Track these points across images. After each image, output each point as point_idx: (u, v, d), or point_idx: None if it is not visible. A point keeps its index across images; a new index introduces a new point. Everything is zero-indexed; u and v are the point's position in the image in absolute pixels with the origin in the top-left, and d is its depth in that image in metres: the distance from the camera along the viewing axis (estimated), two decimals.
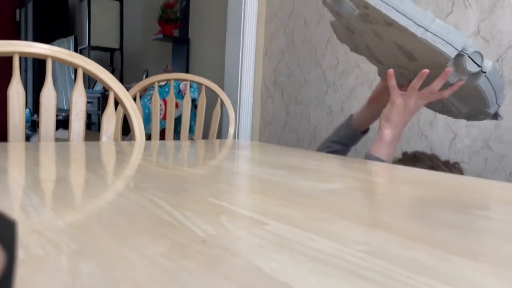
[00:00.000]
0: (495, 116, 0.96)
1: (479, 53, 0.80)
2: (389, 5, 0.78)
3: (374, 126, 1.09)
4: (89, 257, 0.24)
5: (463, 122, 1.39)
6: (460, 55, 0.80)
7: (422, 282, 0.23)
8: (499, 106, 0.93)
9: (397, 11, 0.78)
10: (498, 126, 1.30)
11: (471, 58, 0.80)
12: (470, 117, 0.98)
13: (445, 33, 0.78)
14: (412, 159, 1.09)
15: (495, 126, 1.31)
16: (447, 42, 0.78)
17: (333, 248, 0.28)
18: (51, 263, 0.23)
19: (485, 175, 1.32)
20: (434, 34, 0.78)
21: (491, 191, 0.51)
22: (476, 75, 0.82)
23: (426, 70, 0.84)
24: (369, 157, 0.93)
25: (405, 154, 1.13)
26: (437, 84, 0.85)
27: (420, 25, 0.78)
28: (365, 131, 1.12)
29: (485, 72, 0.82)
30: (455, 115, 1.01)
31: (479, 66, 0.81)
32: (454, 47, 0.78)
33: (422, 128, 1.52)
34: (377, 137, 0.95)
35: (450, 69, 0.81)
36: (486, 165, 1.33)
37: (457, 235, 0.32)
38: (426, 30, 0.78)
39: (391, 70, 0.89)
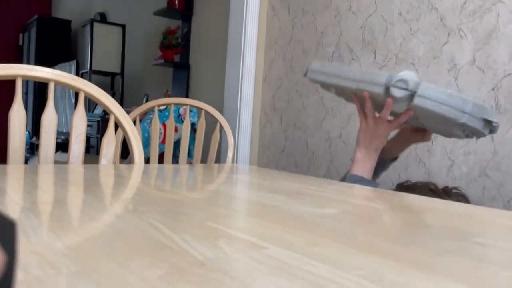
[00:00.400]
0: (490, 126, 0.95)
1: (402, 80, 0.91)
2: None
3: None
4: (88, 279, 0.25)
5: (461, 149, 1.40)
6: (387, 88, 0.92)
7: None
8: (486, 116, 0.93)
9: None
10: (496, 154, 1.31)
11: (395, 86, 0.91)
12: (467, 135, 1.01)
13: (369, 78, 0.96)
14: (406, 190, 1.08)
15: (493, 154, 1.32)
16: (372, 84, 0.95)
17: (332, 273, 0.28)
18: (50, 285, 0.23)
19: (483, 203, 1.32)
20: (362, 81, 0.97)
21: (488, 218, 0.52)
22: (411, 97, 0.90)
23: (366, 92, 0.97)
24: (347, 177, 1.02)
25: (399, 186, 1.14)
26: (384, 114, 0.96)
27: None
28: (394, 158, 1.17)
29: (415, 92, 0.89)
30: (452, 136, 1.06)
31: (406, 89, 0.90)
32: (379, 85, 0.93)
33: (419, 155, 1.52)
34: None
35: (390, 99, 0.92)
36: (483, 193, 1.33)
37: (454, 261, 0.32)
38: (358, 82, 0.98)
39: (366, 93, 0.98)
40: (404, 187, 1.12)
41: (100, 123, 3.65)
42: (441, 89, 0.90)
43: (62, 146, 4.23)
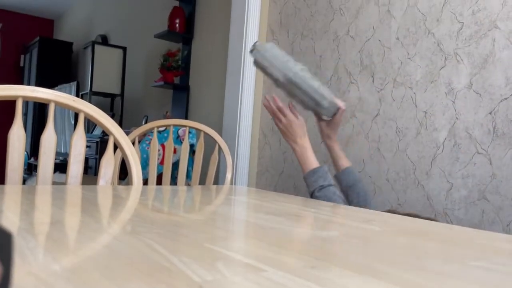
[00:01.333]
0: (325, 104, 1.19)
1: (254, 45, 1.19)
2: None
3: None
4: None
5: (459, 172, 1.40)
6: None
7: None
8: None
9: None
10: (494, 177, 1.31)
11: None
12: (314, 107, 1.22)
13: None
14: None
15: (491, 177, 1.32)
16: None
17: None
18: None
19: (482, 227, 1.31)
20: None
21: (487, 242, 0.51)
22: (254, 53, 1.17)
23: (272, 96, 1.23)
24: (306, 177, 1.19)
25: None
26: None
27: None
28: (344, 169, 1.31)
29: (253, 50, 1.17)
30: (307, 107, 1.24)
31: (253, 50, 1.18)
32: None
33: (418, 177, 1.52)
34: None
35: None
36: (483, 217, 1.33)
37: (453, 285, 0.32)
38: None
39: (273, 96, 1.22)
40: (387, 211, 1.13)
41: (99, 143, 3.66)
42: (282, 52, 1.17)
43: (61, 166, 4.21)
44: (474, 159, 1.37)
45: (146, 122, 3.53)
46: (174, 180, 2.28)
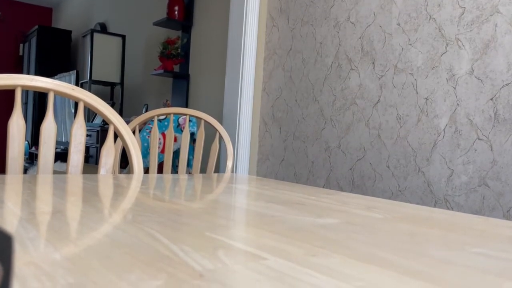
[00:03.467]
0: None
1: None
2: None
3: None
4: None
5: (460, 158, 1.40)
6: None
7: None
8: None
9: None
10: (495, 163, 1.31)
11: None
12: None
13: None
14: None
15: (492, 163, 1.32)
16: None
17: (332, 284, 0.28)
18: None
19: (483, 213, 1.31)
20: None
21: (487, 228, 0.51)
22: None
23: None
24: None
25: None
26: None
27: None
28: None
29: None
30: None
31: None
32: None
33: (418, 164, 1.52)
34: None
35: None
36: (483, 203, 1.33)
37: (454, 272, 0.32)
38: None
39: None
40: None
41: (99, 133, 3.66)
42: None
43: (62, 156, 4.22)
44: (475, 145, 1.37)
45: (146, 111, 3.52)
46: (175, 169, 2.28)
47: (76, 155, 1.03)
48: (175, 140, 2.42)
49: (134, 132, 1.63)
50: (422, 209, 0.64)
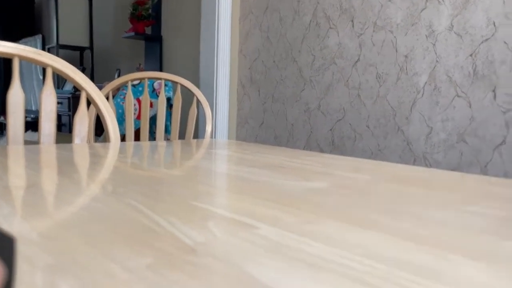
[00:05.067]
0: None
1: None
2: None
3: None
4: (66, 272, 0.22)
5: (439, 116, 1.41)
6: None
7: (426, 286, 0.22)
8: None
9: None
10: (473, 119, 1.32)
11: None
12: None
13: None
14: None
15: (470, 120, 1.33)
16: None
17: (330, 252, 0.26)
18: (24, 281, 0.21)
19: (461, 169, 1.34)
20: None
21: (476, 185, 0.51)
22: None
23: None
24: None
25: None
26: None
27: None
28: None
29: None
30: None
31: None
32: None
33: (398, 123, 1.53)
34: None
35: None
36: (461, 159, 1.35)
37: (450, 233, 0.31)
38: None
39: None
40: None
41: (71, 100, 3.54)
42: None
43: (32, 125, 4.08)
44: (453, 102, 1.38)
45: (119, 76, 3.41)
46: (152, 135, 2.24)
47: (48, 124, 0.98)
48: (151, 105, 2.36)
49: (107, 99, 1.57)
50: (407, 168, 0.63)
